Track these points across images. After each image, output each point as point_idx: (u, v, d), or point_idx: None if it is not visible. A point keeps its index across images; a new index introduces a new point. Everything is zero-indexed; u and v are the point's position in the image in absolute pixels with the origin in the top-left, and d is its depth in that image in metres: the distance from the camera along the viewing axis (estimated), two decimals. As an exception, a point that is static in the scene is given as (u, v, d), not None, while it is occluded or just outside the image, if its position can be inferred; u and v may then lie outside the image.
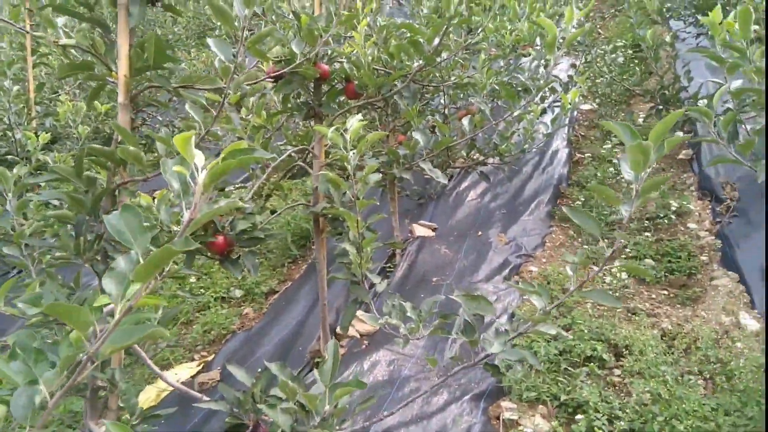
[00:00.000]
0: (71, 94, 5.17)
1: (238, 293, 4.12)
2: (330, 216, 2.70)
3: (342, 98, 3.05)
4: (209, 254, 2.45)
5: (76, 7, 1.71)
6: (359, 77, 2.78)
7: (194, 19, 7.11)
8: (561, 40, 2.67)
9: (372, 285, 2.55)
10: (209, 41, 1.32)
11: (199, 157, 0.97)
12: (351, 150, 2.00)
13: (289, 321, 3.46)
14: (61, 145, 4.34)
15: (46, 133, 3.87)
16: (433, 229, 4.41)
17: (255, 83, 1.84)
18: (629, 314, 3.28)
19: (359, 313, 2.60)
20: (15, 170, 2.43)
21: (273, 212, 3.23)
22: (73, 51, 1.76)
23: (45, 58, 4.31)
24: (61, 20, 1.79)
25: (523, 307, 3.39)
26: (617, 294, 3.48)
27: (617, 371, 2.88)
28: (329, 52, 2.85)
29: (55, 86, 4.82)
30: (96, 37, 1.64)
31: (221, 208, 1.02)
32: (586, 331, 2.99)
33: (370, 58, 2.73)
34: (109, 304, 1.01)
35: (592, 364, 2.75)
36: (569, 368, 2.76)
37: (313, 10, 2.90)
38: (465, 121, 3.06)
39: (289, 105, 2.94)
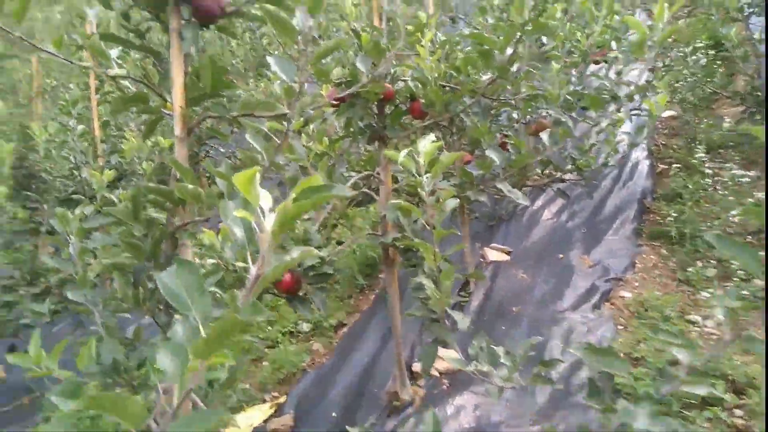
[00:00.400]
0: (136, 130, 5.24)
1: (306, 327, 3.96)
2: (401, 246, 2.49)
3: (407, 118, 2.86)
4: (275, 292, 2.29)
5: (126, 35, 1.59)
6: (425, 95, 2.57)
7: (251, 51, 7.17)
8: (650, 42, 2.38)
9: (453, 321, 2.31)
10: (269, 59, 1.15)
11: (265, 199, 0.78)
12: (424, 174, 1.79)
13: (360, 358, 3.25)
14: (127, 182, 4.36)
15: (110, 170, 3.87)
16: (507, 253, 4.12)
17: (319, 107, 1.67)
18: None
19: (441, 351, 2.36)
20: (78, 209, 2.36)
21: (339, 243, 3.05)
22: (126, 83, 1.64)
23: (108, 96, 4.35)
24: (114, 52, 1.68)
25: (620, 339, 3.05)
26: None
27: (738, 411, 2.50)
28: (392, 71, 2.67)
29: (120, 123, 4.88)
30: (149, 67, 1.51)
31: (294, 260, 0.82)
32: (697, 365, 2.62)
33: (436, 73, 2.53)
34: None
35: (714, 407, 2.39)
36: (683, 410, 2.41)
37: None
38: (544, 136, 2.79)
39: (352, 129, 2.77)
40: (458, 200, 1.89)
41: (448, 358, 1.96)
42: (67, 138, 3.92)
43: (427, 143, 1.78)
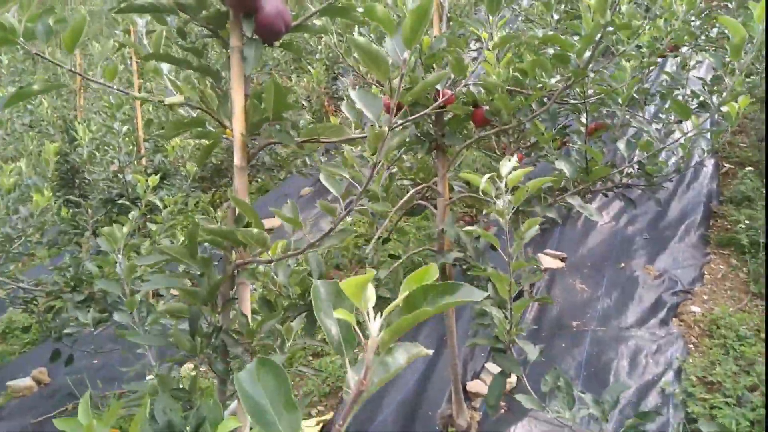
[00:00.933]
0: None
1: (350, 334, 3.83)
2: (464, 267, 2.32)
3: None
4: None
5: (184, 54, 1.45)
6: (491, 102, 2.38)
7: (293, 41, 6.99)
8: (748, 45, 2.13)
9: (518, 350, 2.14)
10: (352, 95, 1.00)
11: (372, 297, 0.63)
12: (506, 199, 1.61)
13: (410, 375, 3.11)
14: (170, 184, 4.29)
15: (156, 173, 3.80)
16: (562, 260, 3.90)
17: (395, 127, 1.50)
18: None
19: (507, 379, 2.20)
20: (125, 228, 2.27)
21: (392, 256, 2.90)
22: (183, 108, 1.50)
23: (152, 93, 4.27)
24: (166, 67, 1.54)
25: (690, 360, 2.83)
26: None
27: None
28: (452, 75, 2.48)
29: (163, 122, 4.82)
30: (206, 89, 1.37)
31: (400, 368, 0.67)
32: (784, 397, 2.40)
33: (503, 78, 2.33)
34: None
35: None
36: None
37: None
38: (621, 145, 2.57)
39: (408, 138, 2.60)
40: (539, 228, 1.71)
41: (523, 399, 1.79)
42: (110, 140, 3.85)
43: (510, 166, 1.60)
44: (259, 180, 5.90)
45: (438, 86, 1.97)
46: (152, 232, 3.47)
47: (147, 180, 3.48)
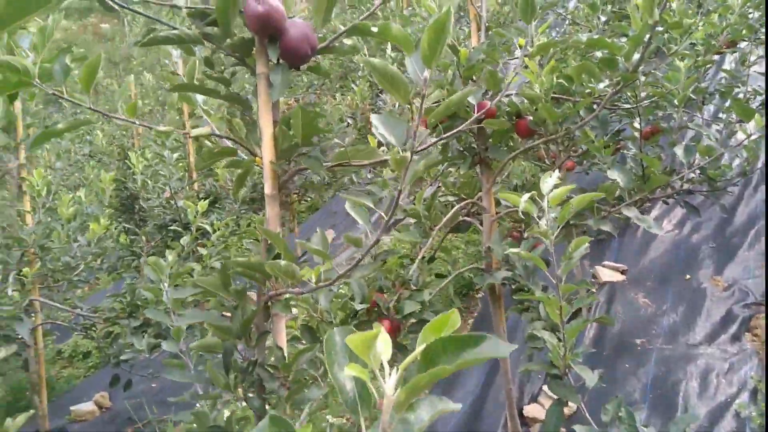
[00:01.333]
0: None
1: (401, 354, 3.76)
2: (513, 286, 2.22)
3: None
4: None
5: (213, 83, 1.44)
6: (534, 112, 2.28)
7: (336, 60, 7.08)
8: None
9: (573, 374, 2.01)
10: (373, 119, 0.95)
11: (386, 350, 0.56)
12: (549, 218, 1.51)
13: (463, 396, 3.00)
14: (221, 207, 4.36)
15: (206, 198, 3.86)
16: (622, 272, 3.71)
17: (425, 147, 1.44)
18: None
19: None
20: (182, 241, 2.30)
21: (439, 276, 2.82)
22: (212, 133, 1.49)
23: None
24: (201, 97, 1.54)
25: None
26: None
27: None
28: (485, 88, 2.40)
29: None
30: (234, 118, 1.35)
31: (422, 427, 0.60)
32: None
33: (547, 86, 2.23)
34: None
35: None
36: None
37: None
38: (679, 151, 2.41)
39: (449, 152, 2.52)
40: (587, 246, 1.60)
41: (582, 431, 1.67)
42: (161, 169, 3.95)
43: (552, 182, 1.50)
44: (309, 199, 5.94)
45: (472, 99, 1.89)
46: (204, 256, 3.52)
47: (197, 205, 3.54)
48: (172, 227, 4.00)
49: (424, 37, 0.75)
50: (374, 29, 0.89)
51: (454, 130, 1.74)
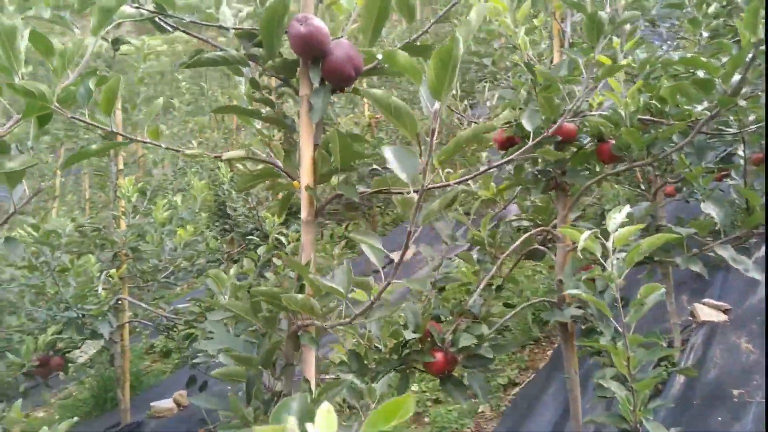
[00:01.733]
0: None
1: (472, 381, 3.60)
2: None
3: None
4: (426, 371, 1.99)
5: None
6: (618, 137, 2.09)
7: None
8: None
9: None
10: (385, 151, 0.86)
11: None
12: (615, 260, 1.34)
13: (536, 430, 2.81)
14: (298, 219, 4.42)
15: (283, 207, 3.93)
16: (725, 311, 3.33)
17: (473, 175, 1.34)
18: None
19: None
20: (258, 251, 2.34)
21: (508, 305, 2.65)
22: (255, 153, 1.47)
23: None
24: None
25: None
26: None
27: None
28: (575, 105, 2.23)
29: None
30: (272, 141, 1.32)
31: None
32: None
33: (632, 108, 2.03)
34: None
35: None
36: None
37: (551, 58, 2.33)
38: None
39: (523, 174, 2.37)
40: (663, 292, 1.40)
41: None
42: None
43: (619, 220, 1.34)
44: (390, 213, 5.91)
45: (528, 125, 1.75)
46: (278, 267, 3.57)
47: (274, 216, 3.61)
48: (252, 236, 4.11)
49: (430, 67, 0.66)
50: (379, 56, 0.80)
51: (520, 152, 1.61)
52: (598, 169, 2.36)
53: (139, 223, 3.97)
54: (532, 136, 1.64)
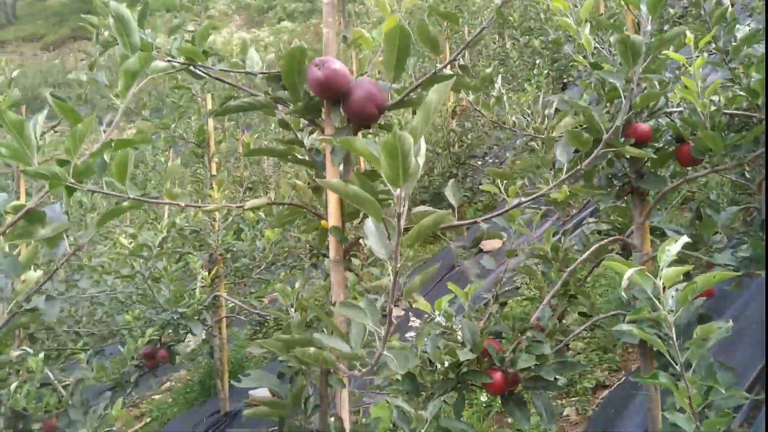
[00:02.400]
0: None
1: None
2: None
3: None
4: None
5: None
6: (697, 139, 1.89)
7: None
8: None
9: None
10: (366, 228, 0.84)
11: None
12: (666, 300, 1.23)
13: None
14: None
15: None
16: None
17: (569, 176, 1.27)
18: None
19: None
20: (326, 262, 2.40)
21: (584, 315, 2.52)
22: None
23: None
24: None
25: None
26: None
27: None
28: (649, 105, 2.05)
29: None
30: (297, 183, 1.34)
31: None
32: None
33: (713, 107, 1.82)
34: None
35: None
36: None
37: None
38: None
39: (595, 179, 2.22)
40: (730, 327, 1.26)
41: None
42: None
43: (672, 254, 1.22)
44: (480, 202, 5.80)
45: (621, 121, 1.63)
46: (350, 282, 3.65)
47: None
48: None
49: (382, 157, 0.63)
50: (337, 142, 0.77)
51: (587, 161, 1.52)
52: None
53: (235, 223, 4.21)
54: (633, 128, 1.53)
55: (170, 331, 3.40)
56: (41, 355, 2.91)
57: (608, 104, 1.95)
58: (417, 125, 0.63)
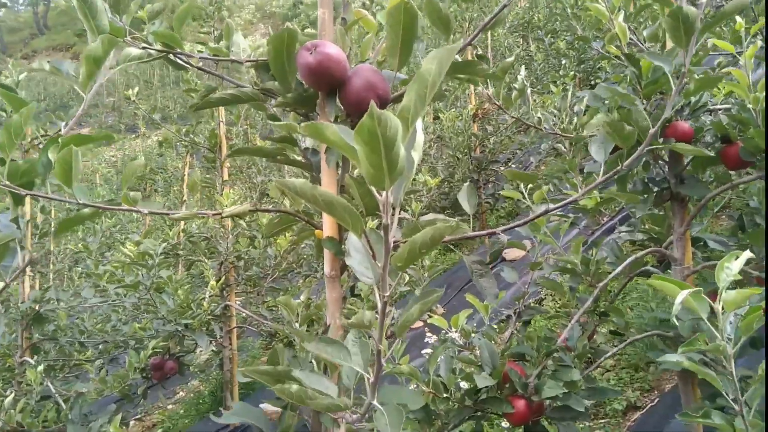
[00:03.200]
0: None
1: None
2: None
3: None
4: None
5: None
6: (746, 138, 1.67)
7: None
8: None
9: None
10: (350, 245, 0.66)
11: None
12: (726, 327, 1.02)
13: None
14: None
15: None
16: None
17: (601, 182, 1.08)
18: None
19: None
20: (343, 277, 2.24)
21: (616, 333, 2.30)
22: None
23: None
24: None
25: None
26: None
27: None
28: (690, 101, 1.84)
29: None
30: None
31: None
32: None
33: (762, 104, 1.61)
34: None
35: None
36: None
37: (664, 43, 1.94)
38: None
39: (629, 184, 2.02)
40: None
41: None
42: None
43: (732, 274, 1.02)
44: (502, 209, 5.58)
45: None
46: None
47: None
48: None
49: (359, 149, 0.46)
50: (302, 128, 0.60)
51: (627, 162, 1.33)
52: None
53: (246, 231, 4.07)
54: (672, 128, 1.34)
55: (176, 343, 3.27)
56: (40, 367, 2.80)
57: (644, 101, 1.75)
58: (409, 104, 0.46)
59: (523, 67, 1.96)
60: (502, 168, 6.22)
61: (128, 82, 22.97)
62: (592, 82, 6.34)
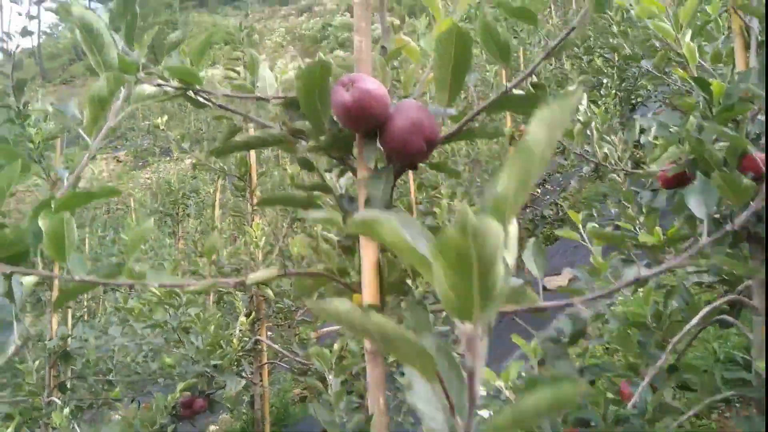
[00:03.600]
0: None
1: (642, 451, 2.97)
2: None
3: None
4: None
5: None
6: None
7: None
8: None
9: None
10: (410, 391, 0.50)
11: None
12: None
13: None
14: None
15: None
16: None
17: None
18: None
19: None
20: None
21: (685, 388, 2.06)
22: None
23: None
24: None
25: None
26: None
27: None
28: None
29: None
30: (320, 245, 1.01)
31: None
32: None
33: None
34: None
35: None
36: None
37: (733, 64, 1.74)
38: None
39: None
40: None
41: None
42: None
43: None
44: (544, 231, 5.35)
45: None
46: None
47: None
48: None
49: (438, 268, 0.30)
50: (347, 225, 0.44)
51: (746, 213, 1.14)
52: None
53: (279, 260, 3.95)
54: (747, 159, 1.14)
55: (205, 382, 3.14)
56: (66, 410, 2.70)
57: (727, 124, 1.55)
58: (507, 193, 0.29)
59: (585, 94, 1.78)
60: (539, 190, 6.00)
61: (162, 104, 23.48)
62: (634, 101, 6.10)
